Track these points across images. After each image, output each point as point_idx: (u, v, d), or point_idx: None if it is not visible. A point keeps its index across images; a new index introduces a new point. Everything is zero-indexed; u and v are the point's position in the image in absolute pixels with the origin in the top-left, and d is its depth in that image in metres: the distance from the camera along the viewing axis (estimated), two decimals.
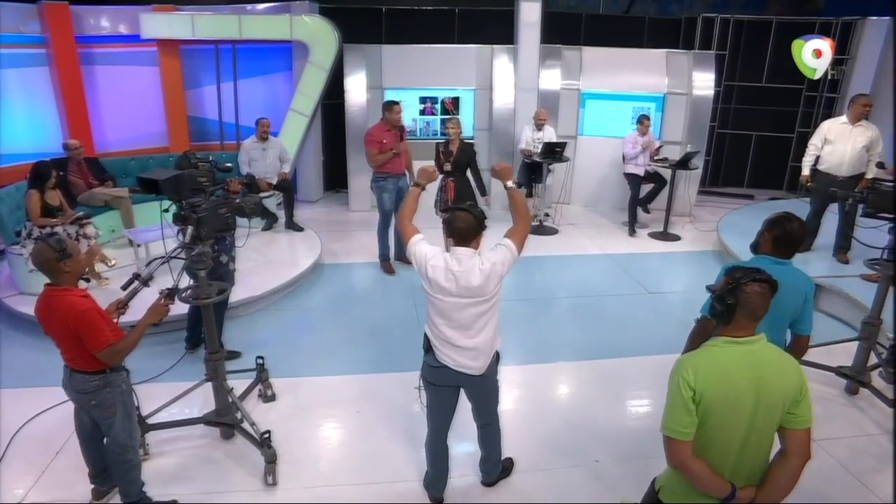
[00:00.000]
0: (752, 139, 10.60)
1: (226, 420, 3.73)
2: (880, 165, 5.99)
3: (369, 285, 6.61)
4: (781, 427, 2.13)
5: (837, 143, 6.35)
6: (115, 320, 3.01)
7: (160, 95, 8.68)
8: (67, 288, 2.82)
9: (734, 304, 2.09)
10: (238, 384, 4.09)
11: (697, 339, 2.98)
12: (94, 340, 2.79)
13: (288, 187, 7.85)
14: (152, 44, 8.40)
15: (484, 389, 3.24)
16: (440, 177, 6.68)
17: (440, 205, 6.68)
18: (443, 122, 8.34)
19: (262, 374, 4.30)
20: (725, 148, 10.57)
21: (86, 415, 3.09)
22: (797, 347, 3.00)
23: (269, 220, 7.68)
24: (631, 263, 7.30)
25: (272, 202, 7.96)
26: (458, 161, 6.51)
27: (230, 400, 3.73)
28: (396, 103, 6.52)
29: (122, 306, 3.09)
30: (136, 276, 3.10)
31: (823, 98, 10.02)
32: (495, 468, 3.56)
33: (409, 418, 4.17)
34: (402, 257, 7.03)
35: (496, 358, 3.23)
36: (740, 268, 2.21)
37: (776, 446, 2.21)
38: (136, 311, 3.13)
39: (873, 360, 4.52)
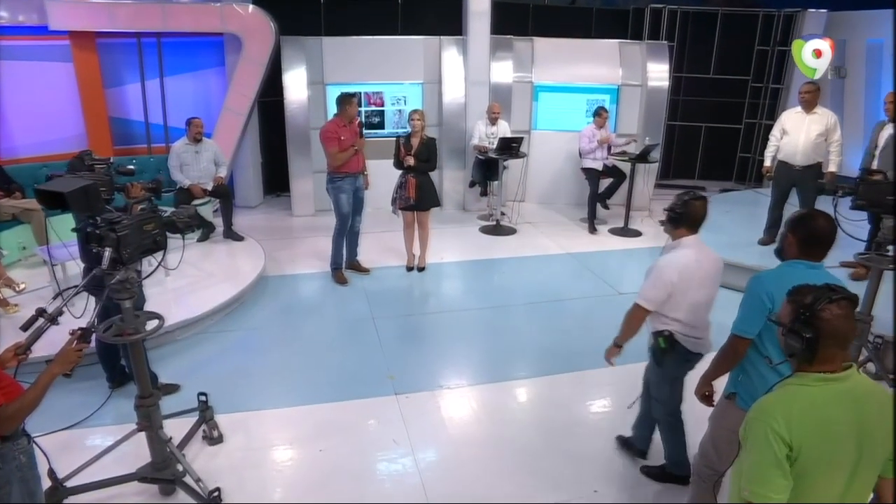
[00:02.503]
0: (702, 131, 10.56)
1: (164, 476, 3.13)
2: None
3: (321, 298, 6.05)
4: (879, 477, 1.76)
5: (792, 133, 6.32)
6: (11, 371, 2.38)
7: (76, 94, 7.80)
8: None
9: (815, 337, 1.71)
10: (178, 424, 3.50)
11: (730, 362, 2.63)
12: None
13: (225, 193, 7.17)
14: (64, 36, 7.52)
15: None
16: (400, 173, 6.22)
17: (400, 202, 6.22)
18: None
19: (205, 414, 3.70)
20: (675, 140, 10.47)
21: None
22: None
23: (206, 230, 6.98)
24: (594, 262, 7.00)
25: (208, 209, 7.26)
26: (419, 155, 6.05)
27: (168, 451, 3.14)
28: (353, 96, 6.04)
29: (22, 351, 2.46)
30: (41, 313, 2.48)
31: (769, 89, 10.05)
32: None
33: (380, 454, 3.69)
34: (354, 265, 6.51)
35: None
36: (806, 289, 1.82)
37: None
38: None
39: (864, 355, 4.33)
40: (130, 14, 7.51)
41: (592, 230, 7.99)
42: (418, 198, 6.14)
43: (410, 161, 6.02)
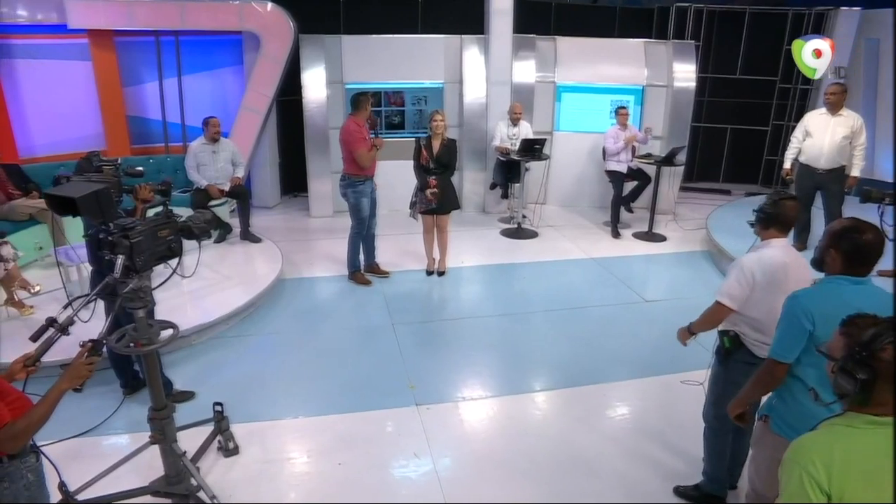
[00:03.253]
0: (727, 132, 10.30)
1: (178, 490, 3.01)
2: None
3: (339, 302, 5.90)
4: None
5: (816, 135, 6.19)
6: (20, 384, 2.27)
7: (94, 93, 7.75)
8: None
9: (871, 380, 1.52)
10: (192, 435, 3.38)
11: (766, 386, 2.44)
12: None
13: (243, 193, 7.08)
14: (82, 35, 7.48)
15: None
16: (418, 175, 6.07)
17: (420, 206, 6.08)
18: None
19: (220, 424, 3.58)
20: (699, 142, 10.21)
21: None
22: None
23: (223, 231, 6.89)
24: (618, 267, 6.80)
25: (224, 210, 7.18)
26: (440, 158, 5.90)
27: (182, 464, 3.01)
28: (370, 95, 5.89)
29: (31, 363, 2.34)
30: (52, 322, 2.35)
31: (798, 90, 9.76)
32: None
33: (400, 467, 3.55)
34: (373, 268, 6.38)
35: None
36: (863, 321, 1.62)
37: None
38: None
39: None
40: (149, 12, 7.46)
41: (616, 234, 7.78)
42: (439, 201, 5.99)
43: (433, 189, 5.91)
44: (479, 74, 8.23)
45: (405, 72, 8.24)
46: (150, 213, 2.77)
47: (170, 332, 2.86)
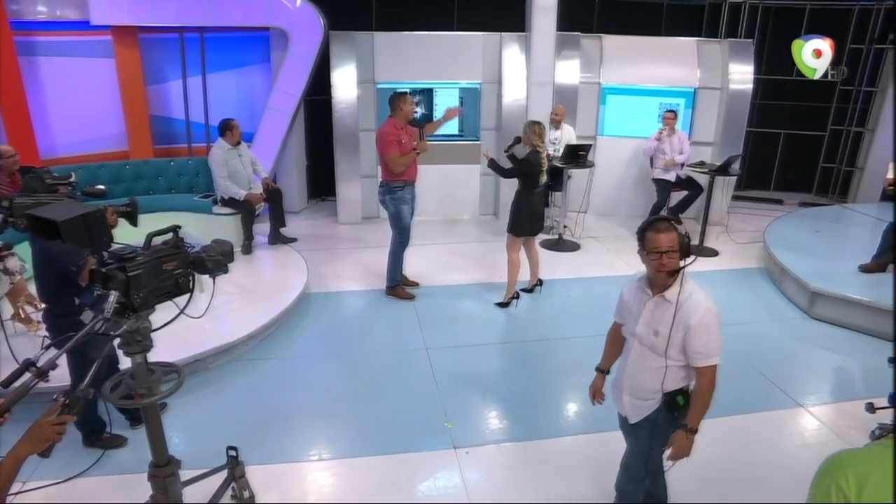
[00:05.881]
0: (780, 137, 9.63)
1: None
2: None
3: (368, 322, 5.48)
4: None
5: None
6: None
7: (117, 92, 7.46)
8: None
9: None
10: (202, 483, 2.97)
11: None
12: None
13: (279, 194, 6.86)
14: (105, 31, 7.19)
15: None
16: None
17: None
18: None
19: (235, 471, 3.16)
20: (750, 147, 9.58)
21: None
22: None
23: (248, 242, 6.53)
24: None
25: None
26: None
27: None
28: (408, 94, 5.44)
29: (1, 413, 1.92)
30: (30, 364, 1.93)
31: (861, 92, 9.07)
32: None
33: None
34: (403, 279, 5.96)
35: None
36: None
37: None
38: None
39: None
40: (175, 7, 7.14)
41: None
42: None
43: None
44: (519, 74, 7.73)
45: (441, 71, 7.79)
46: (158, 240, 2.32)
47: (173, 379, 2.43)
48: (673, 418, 2.56)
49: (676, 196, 7.40)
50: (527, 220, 5.53)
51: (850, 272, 5.82)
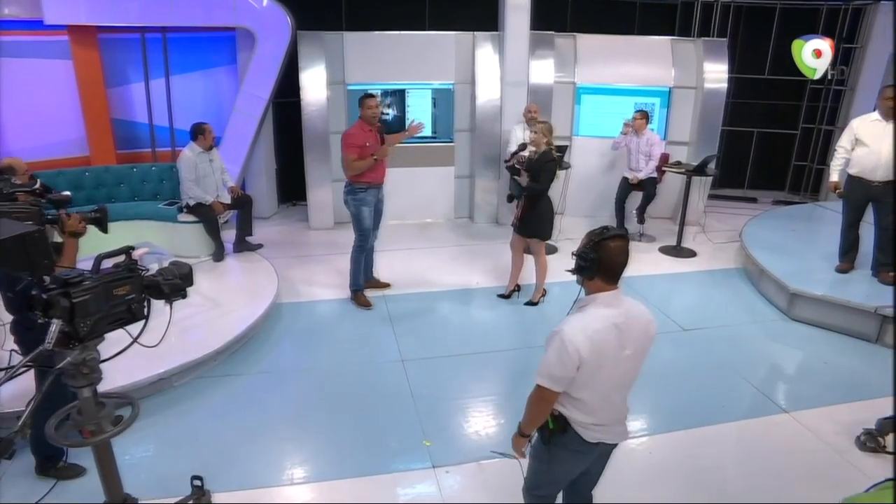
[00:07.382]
0: (753, 136, 9.66)
1: None
2: None
3: (341, 331, 5.29)
4: None
5: (872, 144, 5.50)
6: None
7: (76, 94, 7.14)
8: None
9: None
10: None
11: None
12: None
13: (248, 200, 6.68)
14: (62, 31, 6.86)
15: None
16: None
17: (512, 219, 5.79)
18: None
19: (199, 501, 2.95)
20: (723, 146, 9.58)
21: None
22: None
23: (219, 250, 6.30)
24: (647, 288, 6.14)
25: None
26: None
27: None
28: (372, 96, 5.36)
29: None
30: None
31: (831, 91, 9.13)
32: None
33: None
34: (372, 283, 5.85)
35: None
36: None
37: None
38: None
39: None
40: (135, 6, 6.83)
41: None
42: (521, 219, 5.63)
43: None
44: (493, 74, 7.60)
45: (413, 72, 7.63)
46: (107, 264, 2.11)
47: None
48: (542, 437, 2.48)
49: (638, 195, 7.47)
50: (551, 220, 5.70)
51: (827, 271, 5.81)
